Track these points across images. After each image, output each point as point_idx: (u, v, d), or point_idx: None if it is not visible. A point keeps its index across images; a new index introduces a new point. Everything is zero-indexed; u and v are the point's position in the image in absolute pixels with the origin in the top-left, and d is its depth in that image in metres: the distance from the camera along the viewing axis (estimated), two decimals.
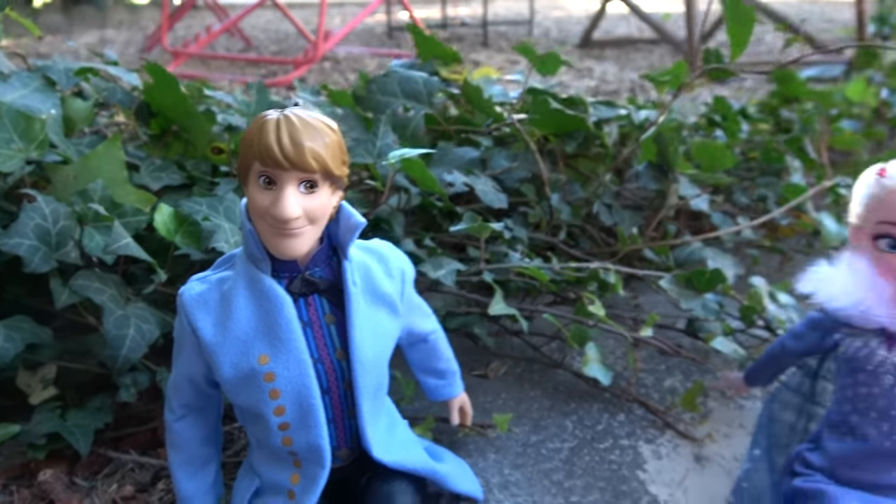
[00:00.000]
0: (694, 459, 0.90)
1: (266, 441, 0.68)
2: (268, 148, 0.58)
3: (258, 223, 0.62)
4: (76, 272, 0.83)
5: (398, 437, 0.75)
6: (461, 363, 1.10)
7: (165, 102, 1.09)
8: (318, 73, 4.48)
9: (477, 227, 0.93)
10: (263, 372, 0.64)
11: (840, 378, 0.74)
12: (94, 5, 7.85)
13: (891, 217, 0.66)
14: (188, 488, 0.71)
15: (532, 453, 0.91)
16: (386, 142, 1.12)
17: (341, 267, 0.68)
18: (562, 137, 1.22)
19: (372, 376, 0.69)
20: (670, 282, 0.99)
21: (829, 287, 0.72)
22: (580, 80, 4.39)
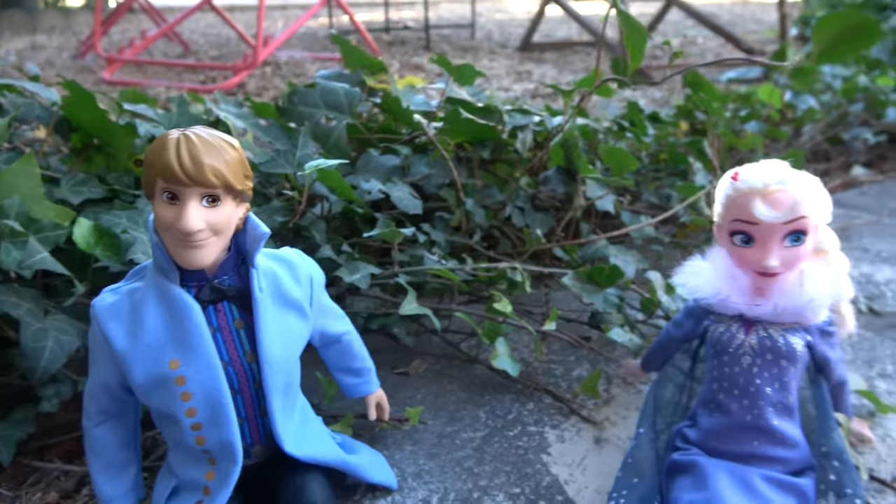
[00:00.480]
0: (594, 441, 0.97)
1: (181, 441, 0.72)
2: (169, 166, 0.63)
3: (164, 236, 0.66)
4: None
5: (311, 433, 0.80)
6: (384, 362, 1.16)
7: (84, 117, 1.11)
8: (260, 78, 4.46)
9: (389, 233, 0.99)
10: (174, 376, 0.68)
11: (709, 360, 0.82)
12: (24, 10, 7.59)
13: (742, 216, 0.74)
14: (108, 491, 0.75)
15: (446, 443, 0.97)
16: (306, 152, 1.16)
17: (248, 274, 0.72)
18: (476, 145, 1.29)
19: (281, 376, 0.73)
20: (572, 278, 1.07)
21: (695, 279, 0.81)
22: (519, 82, 4.50)
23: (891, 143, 2.45)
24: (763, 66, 3.80)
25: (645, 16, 7.40)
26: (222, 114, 1.20)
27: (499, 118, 1.36)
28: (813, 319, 0.76)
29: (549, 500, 0.86)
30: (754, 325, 0.78)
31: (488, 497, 0.87)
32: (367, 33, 5.31)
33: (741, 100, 2.40)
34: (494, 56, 5.36)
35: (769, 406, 0.77)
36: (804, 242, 0.74)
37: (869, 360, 1.17)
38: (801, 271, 0.75)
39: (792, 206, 0.72)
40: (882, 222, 1.82)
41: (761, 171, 0.73)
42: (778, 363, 0.77)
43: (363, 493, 0.87)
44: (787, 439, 0.77)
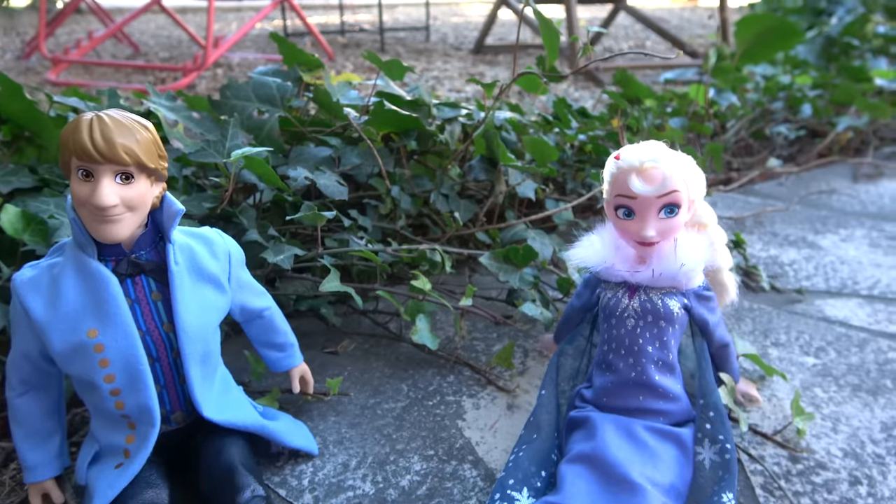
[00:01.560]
0: (507, 408, 1.04)
1: (101, 407, 0.76)
2: (82, 144, 0.67)
3: (81, 212, 0.71)
4: None
5: (230, 400, 0.85)
6: (315, 343, 1.22)
7: (13, 109, 1.13)
8: (211, 79, 4.44)
9: (311, 216, 1.04)
10: (93, 344, 0.72)
11: (601, 324, 0.90)
12: None
13: (623, 191, 0.82)
14: (33, 458, 0.78)
15: (368, 414, 1.03)
16: (235, 143, 1.21)
17: (165, 249, 0.77)
18: (402, 135, 1.35)
19: (198, 345, 0.78)
20: (489, 258, 1.14)
21: (585, 251, 0.88)
22: (472, 84, 4.59)
23: (810, 138, 2.61)
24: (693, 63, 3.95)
25: (596, 19, 7.60)
26: (153, 105, 1.24)
27: (427, 111, 1.43)
28: (687, 284, 0.85)
29: (461, 459, 0.93)
30: (637, 291, 0.86)
31: (403, 459, 0.93)
32: (321, 36, 5.34)
33: (677, 98, 2.52)
34: (448, 58, 5.44)
35: (651, 363, 0.85)
36: (677, 214, 0.82)
37: (765, 330, 1.27)
38: (674, 240, 0.83)
39: (663, 181, 0.80)
40: (793, 210, 1.94)
41: (638, 151, 0.81)
42: (658, 324, 0.85)
43: (286, 460, 0.92)
44: (668, 393, 0.85)
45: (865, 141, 2.57)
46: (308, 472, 0.90)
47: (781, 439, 0.96)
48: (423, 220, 1.46)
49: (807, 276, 1.51)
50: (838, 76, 2.81)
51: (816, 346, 1.22)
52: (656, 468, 0.78)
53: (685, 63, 4.13)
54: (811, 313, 1.34)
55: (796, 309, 1.36)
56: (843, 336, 1.25)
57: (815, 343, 1.23)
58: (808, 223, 1.84)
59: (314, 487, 0.87)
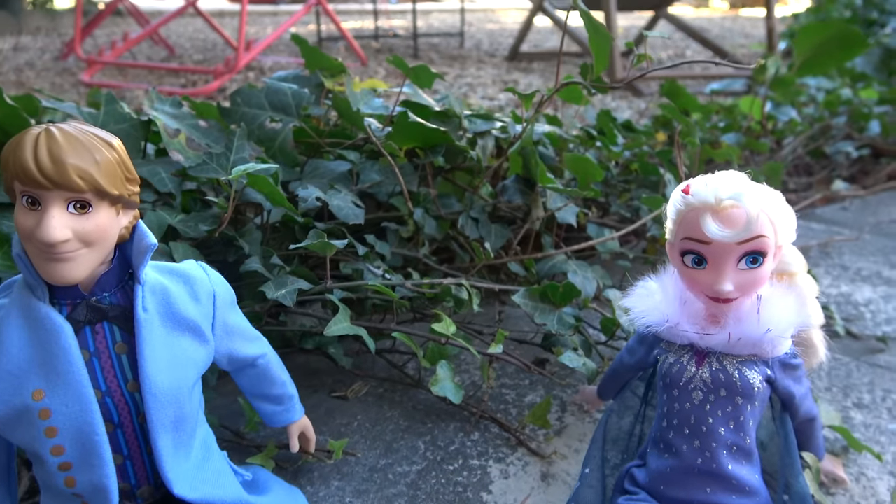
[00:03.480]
0: (541, 478, 0.88)
1: (49, 483, 0.63)
2: (24, 166, 0.54)
3: (27, 246, 0.58)
4: None
5: (209, 471, 0.70)
6: (322, 384, 1.08)
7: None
8: (242, 82, 4.38)
9: (319, 245, 0.90)
10: (38, 408, 0.59)
11: (659, 394, 0.74)
12: (9, 11, 7.48)
13: (692, 234, 0.66)
14: None
15: (378, 479, 0.88)
16: (241, 156, 1.07)
17: (134, 292, 0.64)
18: (428, 151, 1.21)
19: (169, 409, 0.64)
20: (523, 296, 0.99)
21: (643, 302, 0.73)
22: (505, 92, 4.44)
23: (874, 158, 2.39)
24: (740, 73, 3.74)
25: (634, 27, 7.39)
26: (154, 113, 1.12)
27: (457, 123, 1.28)
28: (772, 352, 0.68)
29: None
30: (707, 357, 0.70)
31: None
32: (355, 41, 5.26)
33: (724, 111, 2.33)
34: (482, 65, 5.31)
35: (723, 448, 0.68)
36: (763, 265, 0.66)
37: (844, 387, 1.09)
38: (758, 297, 0.67)
39: (747, 224, 0.63)
40: (863, 239, 1.75)
41: (714, 184, 0.65)
42: (733, 400, 0.68)
43: None
44: (743, 486, 0.68)
45: None
46: None
47: None
48: (449, 244, 1.31)
49: (887, 320, 1.32)
50: None
51: None
52: None
53: (732, 73, 3.92)
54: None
55: (879, 361, 1.17)
56: None
57: None
58: (882, 255, 1.65)
59: None
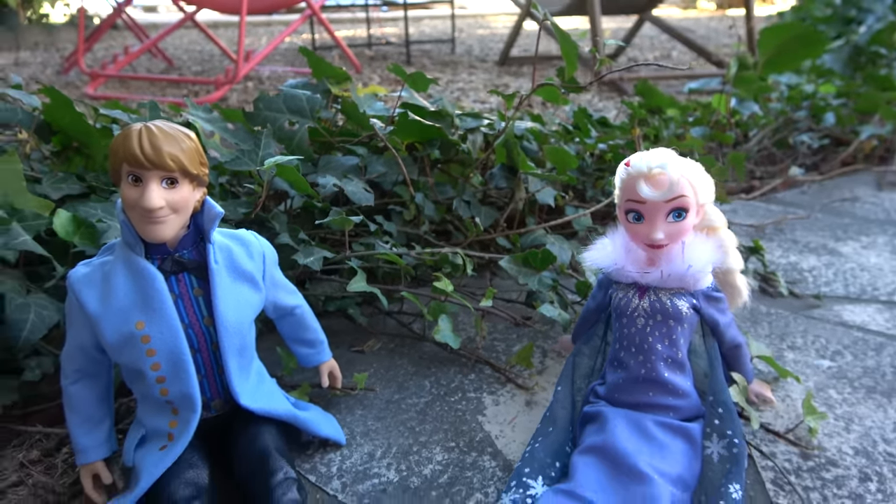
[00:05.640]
0: (525, 404, 1.08)
1: (147, 394, 0.82)
2: (132, 152, 0.74)
3: (130, 214, 0.77)
4: None
5: (265, 390, 0.91)
6: (342, 342, 1.27)
7: (63, 121, 1.22)
8: (242, 92, 4.57)
9: (339, 220, 1.10)
10: (140, 335, 0.79)
11: (613, 323, 0.94)
12: (6, 26, 7.63)
13: (631, 196, 0.87)
14: (85, 443, 0.85)
15: (393, 408, 1.08)
16: (268, 152, 1.28)
17: (206, 249, 0.83)
18: (425, 145, 1.41)
19: (235, 338, 0.84)
20: (508, 261, 1.19)
21: (598, 253, 0.93)
22: (496, 95, 4.65)
23: (835, 146, 2.61)
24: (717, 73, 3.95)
25: (622, 30, 7.62)
26: (191, 117, 1.32)
27: (450, 122, 1.48)
28: (694, 285, 0.89)
29: (480, 451, 0.97)
30: (647, 291, 0.90)
31: (426, 450, 0.98)
32: (349, 49, 5.46)
33: (700, 108, 2.54)
34: (474, 70, 5.51)
35: (660, 360, 0.89)
36: (686, 218, 0.86)
37: (782, 334, 1.30)
38: (682, 242, 0.87)
39: (671, 186, 0.84)
40: (814, 217, 1.96)
41: (646, 158, 0.86)
42: (667, 323, 0.89)
43: (315, 449, 0.98)
44: (677, 389, 0.89)
45: (890, 149, 2.56)
46: (336, 461, 0.95)
47: (793, 437, 0.99)
48: (446, 227, 1.52)
49: (826, 282, 1.53)
50: (864, 85, 2.81)
51: (833, 349, 1.24)
52: (664, 460, 0.82)
53: (709, 73, 4.14)
54: (829, 318, 1.36)
55: (814, 314, 1.38)
56: (860, 340, 1.27)
57: (832, 347, 1.25)
58: (830, 230, 1.86)
59: (342, 474, 0.93)
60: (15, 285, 0.94)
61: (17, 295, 0.93)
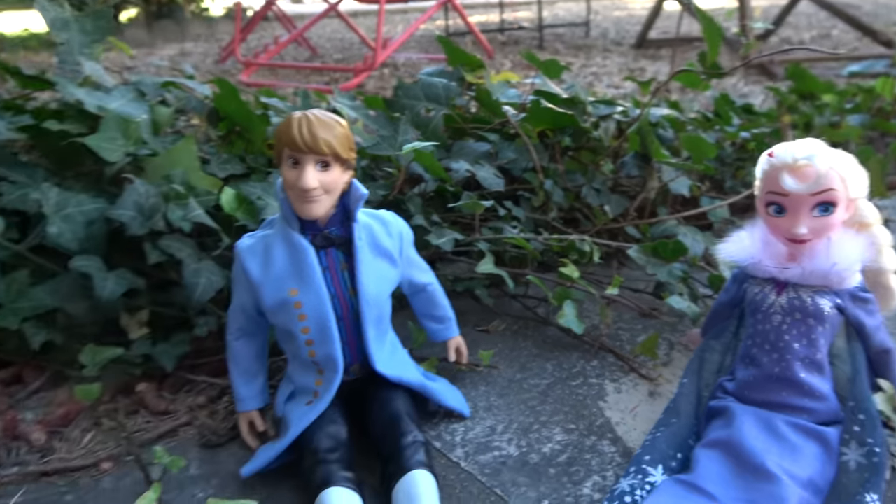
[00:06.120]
0: (648, 394, 1.08)
1: (297, 354, 0.92)
2: (292, 138, 0.83)
3: (289, 193, 0.87)
4: (162, 237, 1.10)
5: (398, 359, 0.98)
6: (468, 321, 1.33)
7: (230, 108, 1.36)
8: (378, 79, 4.77)
9: (471, 204, 1.15)
10: (293, 301, 0.88)
11: (747, 318, 0.92)
12: (174, 20, 8.42)
13: (774, 188, 0.84)
14: (243, 392, 0.97)
15: (515, 387, 1.12)
16: (406, 137, 1.35)
17: (351, 227, 0.91)
18: (557, 132, 1.42)
19: (374, 309, 0.92)
20: (637, 251, 1.18)
21: (734, 246, 0.91)
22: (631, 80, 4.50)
23: None
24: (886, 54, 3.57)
25: (776, 7, 7.06)
26: (338, 105, 1.42)
27: (582, 109, 1.48)
28: (839, 283, 0.84)
29: (600, 436, 0.99)
30: (786, 288, 0.87)
31: (546, 429, 1.01)
32: (481, 34, 5.51)
33: (862, 93, 2.32)
34: (608, 54, 5.37)
35: (796, 360, 0.85)
36: (833, 213, 0.82)
37: None
38: (828, 238, 0.83)
39: (817, 179, 0.80)
40: None
41: (792, 148, 0.82)
42: (806, 322, 0.85)
43: (440, 418, 1.04)
44: (813, 391, 0.85)
45: None
46: (460, 431, 1.01)
47: None
48: (574, 214, 1.52)
49: None
50: None
51: None
52: (795, 462, 0.79)
53: (875, 54, 3.76)
54: None
55: None
56: None
57: None
58: None
59: (465, 444, 0.98)
60: (191, 252, 1.08)
61: (192, 261, 1.07)
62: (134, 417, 1.05)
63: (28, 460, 0.96)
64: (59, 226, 1.05)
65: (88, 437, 1.01)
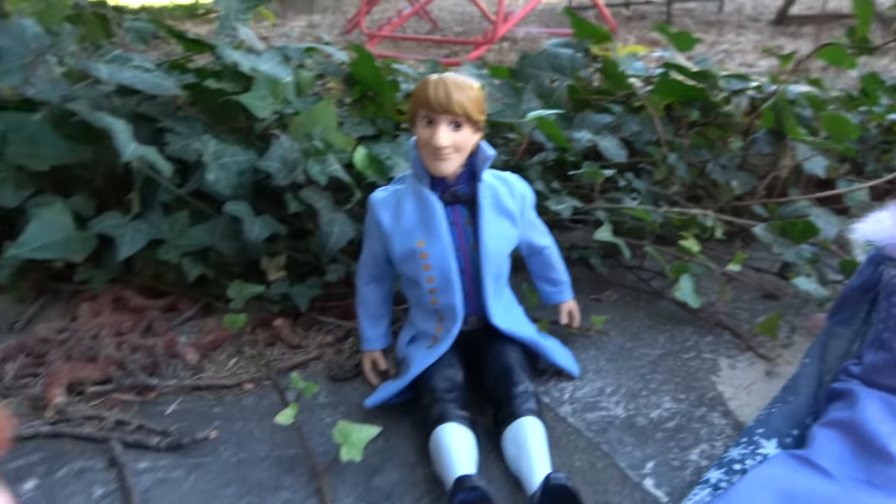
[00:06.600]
0: (765, 374, 1.06)
1: (420, 301, 0.99)
2: (428, 98, 0.88)
3: (422, 151, 0.92)
4: (301, 189, 1.20)
5: (513, 315, 1.02)
6: (582, 289, 1.35)
7: (364, 74, 1.44)
8: (497, 52, 4.77)
9: (591, 173, 1.16)
10: (420, 251, 0.95)
11: (881, 302, 0.88)
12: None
13: None
14: (369, 333, 1.05)
15: (625, 354, 1.13)
16: (529, 106, 1.37)
17: (477, 186, 0.96)
18: (684, 105, 1.39)
19: (494, 265, 0.96)
20: (764, 229, 1.15)
21: (872, 226, 0.87)
22: (767, 58, 4.23)
23: None
24: None
25: None
26: (464, 74, 1.46)
27: (713, 83, 1.44)
28: None
29: (711, 408, 0.99)
30: None
31: (655, 396, 1.02)
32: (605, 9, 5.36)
33: None
34: (743, 30, 5.07)
35: None
36: None
37: None
38: None
39: None
40: None
41: None
42: None
43: (550, 376, 1.08)
44: None
45: None
46: (568, 389, 1.04)
47: None
48: (696, 191, 1.49)
49: None
50: None
51: None
52: None
53: None
54: None
55: None
56: None
57: None
58: None
59: (573, 402, 1.01)
60: (326, 204, 1.17)
61: (328, 212, 1.16)
62: (271, 348, 1.16)
63: (183, 376, 1.10)
64: (216, 173, 1.17)
65: (233, 361, 1.14)
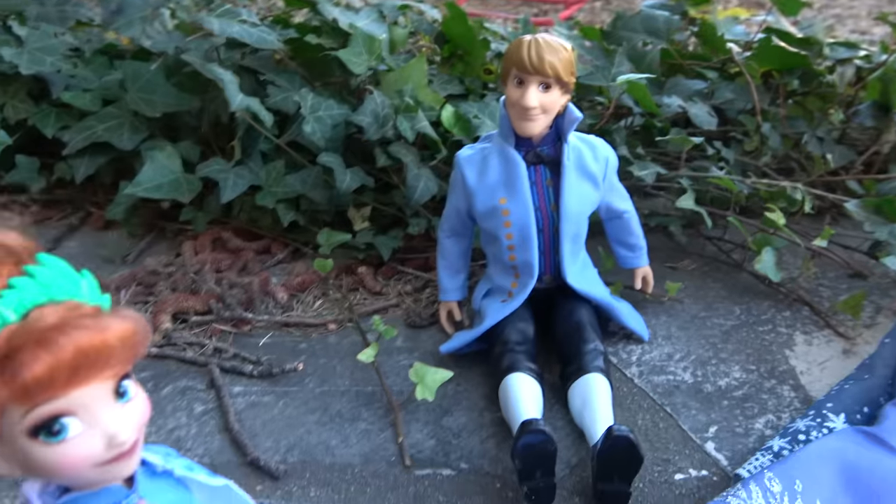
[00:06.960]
0: (842, 352, 1.05)
1: (498, 257, 1.03)
2: (520, 59, 0.90)
3: (510, 110, 0.95)
4: (390, 144, 1.25)
5: (588, 276, 1.05)
6: (658, 258, 1.35)
7: (456, 32, 1.46)
8: (589, 12, 4.63)
9: (679, 139, 1.15)
10: (502, 209, 0.98)
11: None
12: None
13: None
14: (447, 284, 1.10)
15: (697, 323, 1.14)
16: (620, 69, 1.36)
17: (561, 148, 0.98)
18: (784, 73, 1.34)
19: (572, 226, 0.99)
20: (857, 205, 1.11)
21: None
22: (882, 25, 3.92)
23: None
24: None
25: None
26: (555, 34, 1.46)
27: (818, 50, 1.38)
28: None
29: (781, 381, 0.99)
30: None
31: (724, 365, 1.03)
32: None
33: None
34: None
35: None
36: None
37: None
38: None
39: None
40: None
41: None
42: None
43: (619, 339, 1.10)
44: None
45: None
46: (637, 352, 1.07)
47: None
48: (788, 164, 1.44)
49: None
50: None
51: None
52: None
53: None
54: None
55: None
56: None
57: None
58: None
59: (640, 364, 1.04)
60: (413, 158, 1.22)
61: (414, 166, 1.21)
62: (354, 293, 1.24)
63: (274, 312, 1.19)
64: (312, 125, 1.24)
65: (318, 303, 1.22)
